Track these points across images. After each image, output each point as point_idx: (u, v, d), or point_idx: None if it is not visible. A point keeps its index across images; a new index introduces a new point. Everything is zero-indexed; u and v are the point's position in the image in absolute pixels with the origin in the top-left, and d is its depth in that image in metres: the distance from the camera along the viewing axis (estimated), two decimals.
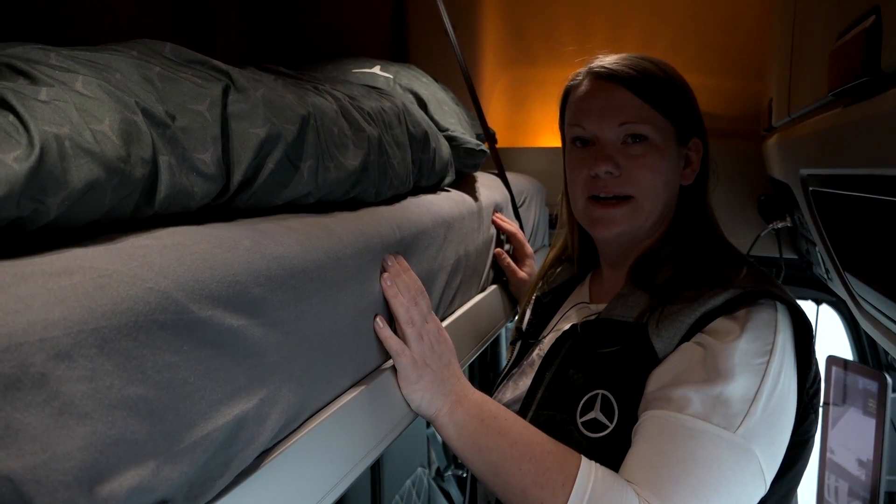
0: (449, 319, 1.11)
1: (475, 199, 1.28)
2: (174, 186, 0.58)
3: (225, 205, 0.68)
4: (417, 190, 1.12)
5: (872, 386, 1.74)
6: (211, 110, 0.63)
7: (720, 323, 0.83)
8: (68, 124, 0.48)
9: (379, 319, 0.83)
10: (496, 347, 2.66)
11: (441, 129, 1.25)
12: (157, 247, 0.51)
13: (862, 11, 0.57)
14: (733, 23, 1.95)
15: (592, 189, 0.96)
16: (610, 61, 0.97)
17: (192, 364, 0.50)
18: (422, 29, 2.28)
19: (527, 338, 1.13)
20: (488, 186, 1.42)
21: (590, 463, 0.77)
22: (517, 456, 0.79)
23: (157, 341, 0.47)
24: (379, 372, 0.84)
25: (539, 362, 0.98)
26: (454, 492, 2.76)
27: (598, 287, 1.08)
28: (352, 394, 0.77)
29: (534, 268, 1.42)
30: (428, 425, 2.28)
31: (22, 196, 0.44)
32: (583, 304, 1.06)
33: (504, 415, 0.85)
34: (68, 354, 0.40)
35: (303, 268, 0.66)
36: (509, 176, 1.56)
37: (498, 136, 1.63)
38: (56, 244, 0.47)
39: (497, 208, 1.40)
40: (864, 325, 0.92)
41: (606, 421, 0.84)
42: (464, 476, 2.74)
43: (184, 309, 0.49)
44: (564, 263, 1.17)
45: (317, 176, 0.77)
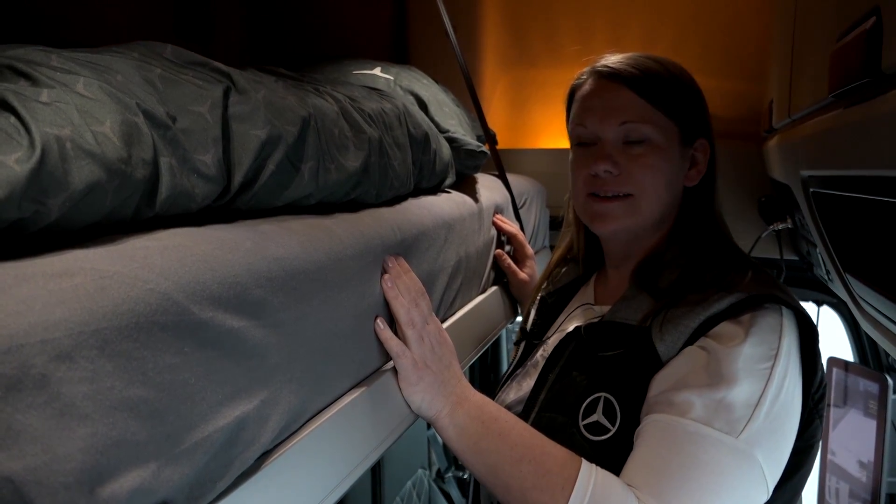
0: (450, 321, 1.11)
1: (476, 201, 1.28)
2: (175, 188, 0.58)
3: (226, 206, 0.68)
4: (418, 191, 1.12)
5: (873, 387, 1.73)
6: (212, 112, 0.63)
7: (724, 327, 0.82)
8: (69, 126, 0.48)
9: (379, 321, 0.83)
10: (497, 349, 2.65)
11: (442, 131, 1.25)
12: (158, 248, 0.51)
13: (862, 12, 0.57)
14: (734, 24, 1.95)
15: (592, 187, 0.97)
16: (614, 60, 0.97)
17: (193, 365, 0.50)
18: (422, 30, 2.29)
19: (531, 338, 1.13)
20: (489, 188, 1.42)
21: (590, 466, 0.77)
22: (517, 458, 0.79)
23: (158, 343, 0.47)
24: (380, 373, 0.84)
25: (543, 363, 0.98)
26: (455, 493, 2.76)
27: (603, 288, 1.08)
28: (352, 395, 0.77)
29: (534, 269, 1.42)
30: (428, 427, 2.28)
31: (23, 197, 0.44)
32: (587, 306, 1.06)
33: (504, 417, 0.85)
34: (69, 356, 0.40)
35: (303, 269, 0.66)
36: (510, 177, 1.56)
37: (498, 138, 1.63)
38: (57, 245, 0.47)
39: (498, 209, 1.40)
40: (865, 327, 0.92)
41: (608, 424, 0.83)
42: (464, 477, 2.74)
43: (185, 310, 0.49)
44: (570, 263, 1.17)
45: (317, 177, 0.77)
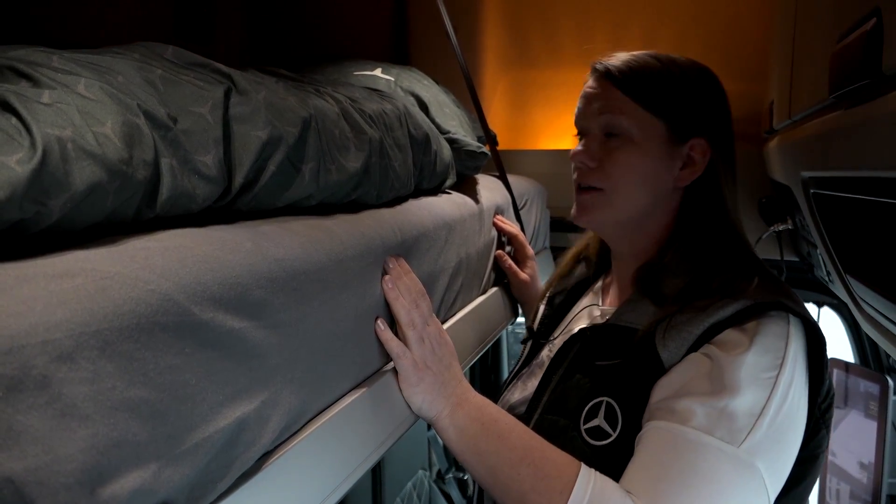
0: (450, 321, 1.11)
1: (476, 202, 1.28)
2: (176, 189, 0.58)
3: (226, 207, 0.68)
4: (419, 192, 1.12)
5: (874, 388, 1.73)
6: (213, 113, 0.63)
7: (729, 334, 0.80)
8: (70, 127, 0.48)
9: (380, 322, 0.83)
10: (497, 350, 2.65)
11: (442, 132, 1.25)
12: (159, 249, 0.51)
13: (863, 14, 0.57)
14: (734, 24, 1.95)
15: (577, 178, 0.99)
16: (611, 58, 0.97)
17: (194, 366, 0.50)
18: (423, 31, 2.29)
19: (538, 337, 1.13)
20: (489, 188, 1.42)
21: (589, 471, 0.76)
22: (516, 460, 0.79)
23: (159, 343, 0.47)
24: (380, 374, 0.84)
25: (548, 364, 0.98)
26: (455, 494, 2.75)
27: (610, 289, 1.07)
28: (353, 396, 0.77)
29: (535, 269, 1.42)
30: (429, 427, 2.27)
31: (24, 198, 0.44)
32: (594, 307, 1.06)
33: (504, 419, 0.85)
34: (70, 356, 0.40)
35: (304, 270, 0.66)
36: (510, 178, 1.56)
37: (499, 139, 1.63)
38: (58, 246, 0.47)
39: (498, 210, 1.40)
40: (866, 328, 0.91)
41: (610, 429, 0.83)
42: (465, 479, 2.73)
43: (185, 311, 0.49)
44: (580, 263, 1.17)
45: (318, 178, 0.77)
